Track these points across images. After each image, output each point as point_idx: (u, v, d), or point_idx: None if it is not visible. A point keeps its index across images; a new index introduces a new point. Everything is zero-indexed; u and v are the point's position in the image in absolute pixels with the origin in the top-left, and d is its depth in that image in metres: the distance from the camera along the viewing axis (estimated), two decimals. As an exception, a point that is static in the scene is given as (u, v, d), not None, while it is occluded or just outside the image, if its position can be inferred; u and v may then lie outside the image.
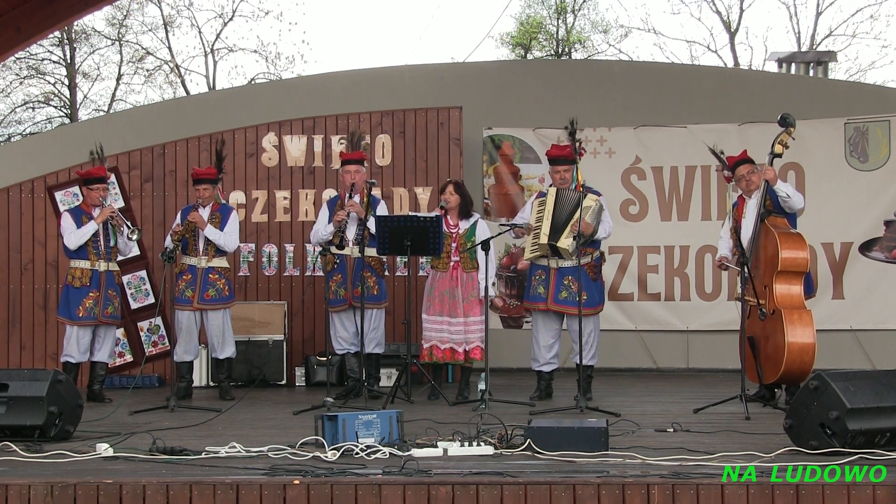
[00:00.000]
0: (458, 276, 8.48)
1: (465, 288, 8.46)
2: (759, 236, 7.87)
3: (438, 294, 8.48)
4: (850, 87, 13.62)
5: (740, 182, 8.22)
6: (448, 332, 8.44)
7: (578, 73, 12.14)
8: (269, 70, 28.50)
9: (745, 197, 8.21)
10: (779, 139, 7.84)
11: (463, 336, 8.44)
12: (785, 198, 7.88)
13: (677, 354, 10.99)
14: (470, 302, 8.47)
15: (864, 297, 10.50)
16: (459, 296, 8.45)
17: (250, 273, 10.22)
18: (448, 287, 8.47)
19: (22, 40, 8.91)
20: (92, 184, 8.87)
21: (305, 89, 11.53)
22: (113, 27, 27.63)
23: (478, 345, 8.44)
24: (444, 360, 8.53)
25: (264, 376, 9.75)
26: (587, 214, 8.11)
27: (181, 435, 6.62)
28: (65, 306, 8.81)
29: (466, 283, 8.48)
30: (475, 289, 8.47)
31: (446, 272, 8.50)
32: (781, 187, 7.92)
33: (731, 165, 8.28)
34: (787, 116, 7.87)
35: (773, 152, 7.88)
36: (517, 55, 28.99)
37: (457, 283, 8.47)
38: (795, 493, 4.87)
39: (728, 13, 28.24)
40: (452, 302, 8.45)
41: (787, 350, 7.56)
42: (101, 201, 8.85)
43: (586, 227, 8.09)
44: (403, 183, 10.29)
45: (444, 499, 4.94)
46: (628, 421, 6.99)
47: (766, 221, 7.86)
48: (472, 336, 8.46)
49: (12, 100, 27.70)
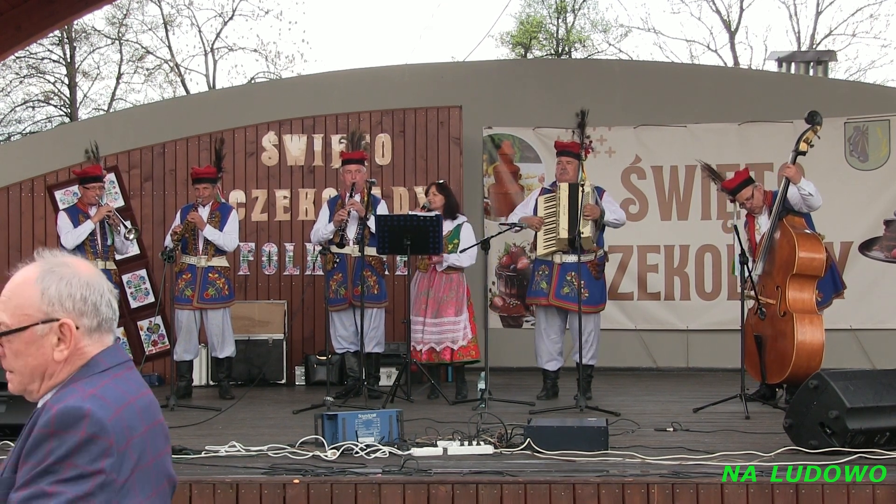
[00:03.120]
0: (437, 277, 8.50)
1: (444, 288, 8.47)
2: (775, 234, 7.81)
3: (419, 294, 8.51)
4: (850, 87, 13.62)
5: (743, 206, 8.11)
6: (433, 333, 8.45)
7: (578, 73, 12.14)
8: (268, 69, 28.51)
9: (752, 215, 8.13)
10: (804, 136, 7.75)
11: (449, 335, 8.45)
12: (807, 196, 7.72)
13: (677, 354, 10.98)
14: (446, 302, 8.47)
15: (864, 296, 10.49)
16: (441, 295, 8.47)
17: (250, 272, 10.22)
18: (426, 287, 8.49)
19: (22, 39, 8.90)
20: (88, 182, 8.86)
21: (305, 88, 11.53)
22: (113, 26, 27.63)
23: (461, 344, 8.45)
24: (429, 361, 8.55)
25: (264, 375, 9.75)
26: (588, 198, 8.15)
27: (181, 434, 6.62)
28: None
29: (445, 283, 8.49)
30: (452, 289, 8.47)
31: (426, 273, 8.53)
32: (804, 185, 7.76)
33: (730, 189, 8.11)
34: (816, 114, 7.74)
35: (797, 150, 7.75)
36: (517, 54, 28.98)
37: (432, 284, 8.49)
38: (795, 492, 4.88)
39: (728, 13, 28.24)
40: (431, 301, 8.47)
41: (796, 353, 7.52)
42: (98, 200, 8.84)
43: (594, 210, 8.12)
44: (403, 182, 10.28)
45: (444, 498, 4.94)
46: (628, 420, 7.00)
47: (783, 220, 7.77)
48: (456, 335, 8.46)
49: (12, 99, 27.72)
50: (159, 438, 2.22)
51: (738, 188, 8.07)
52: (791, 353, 7.54)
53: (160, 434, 2.23)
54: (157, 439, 2.20)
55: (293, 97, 11.12)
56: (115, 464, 2.03)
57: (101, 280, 2.26)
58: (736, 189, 8.08)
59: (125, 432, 2.07)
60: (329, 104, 10.68)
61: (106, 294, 2.23)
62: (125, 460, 2.06)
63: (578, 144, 8.47)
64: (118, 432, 2.05)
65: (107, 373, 2.18)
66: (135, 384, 2.22)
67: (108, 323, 2.23)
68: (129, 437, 2.08)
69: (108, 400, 2.09)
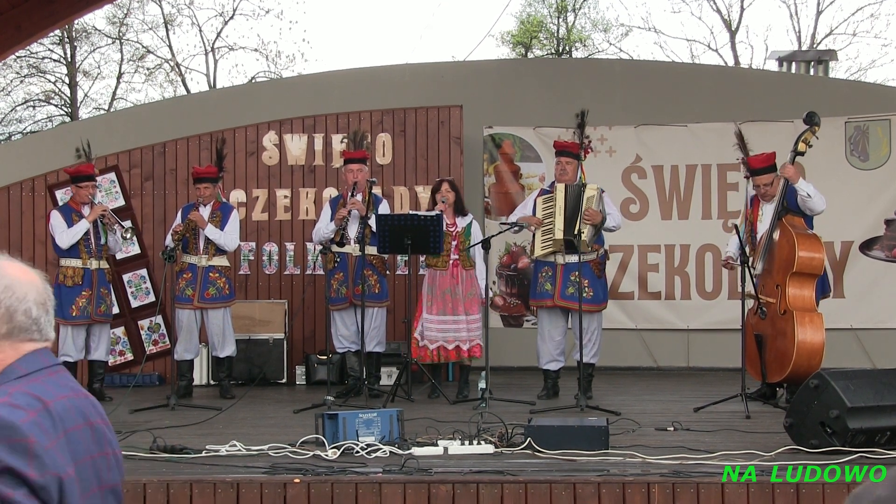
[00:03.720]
0: (459, 274, 8.49)
1: (465, 286, 8.48)
2: (774, 234, 7.81)
3: (441, 293, 8.48)
4: (850, 86, 13.61)
5: (758, 188, 8.02)
6: (453, 332, 8.45)
7: (579, 72, 12.14)
8: (269, 69, 28.53)
9: (760, 199, 8.09)
10: (802, 137, 7.74)
11: (466, 334, 8.45)
12: (805, 197, 7.70)
13: (678, 353, 10.98)
14: (470, 299, 8.48)
15: (865, 295, 10.49)
16: (460, 293, 8.46)
17: (251, 272, 10.22)
18: (449, 285, 8.48)
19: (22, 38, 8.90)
20: (81, 181, 8.84)
21: (306, 88, 11.53)
22: (113, 25, 27.64)
23: (478, 342, 8.45)
24: (437, 360, 8.54)
25: (265, 375, 9.74)
26: (592, 203, 8.15)
27: (182, 433, 6.62)
28: (57, 306, 8.73)
29: (466, 280, 8.49)
30: (474, 286, 8.49)
31: (446, 270, 8.50)
32: (803, 186, 7.73)
33: (752, 168, 8.00)
34: (814, 115, 7.71)
35: (796, 150, 7.73)
36: (518, 54, 28.99)
37: (457, 281, 8.48)
38: (795, 492, 4.88)
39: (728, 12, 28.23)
40: (454, 300, 8.46)
41: (797, 352, 7.51)
42: (91, 199, 8.83)
43: (595, 215, 8.12)
44: (404, 182, 10.28)
45: (445, 497, 4.94)
46: (629, 420, 6.99)
47: (783, 220, 7.75)
48: (473, 334, 8.47)
49: (13, 98, 27.71)
50: (85, 442, 2.10)
51: (761, 170, 7.95)
52: (792, 352, 7.54)
53: (88, 437, 2.12)
54: (83, 443, 2.09)
55: (294, 97, 11.12)
56: (37, 465, 1.94)
57: (30, 286, 2.14)
58: (760, 171, 7.94)
59: (43, 436, 1.98)
60: (329, 104, 10.68)
61: (27, 301, 2.12)
62: (45, 461, 1.97)
63: (577, 144, 8.47)
64: (36, 434, 1.97)
65: (23, 379, 2.08)
66: (55, 388, 2.10)
67: (23, 332, 2.11)
68: (49, 439, 2.00)
69: (20, 405, 2.00)
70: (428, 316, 8.53)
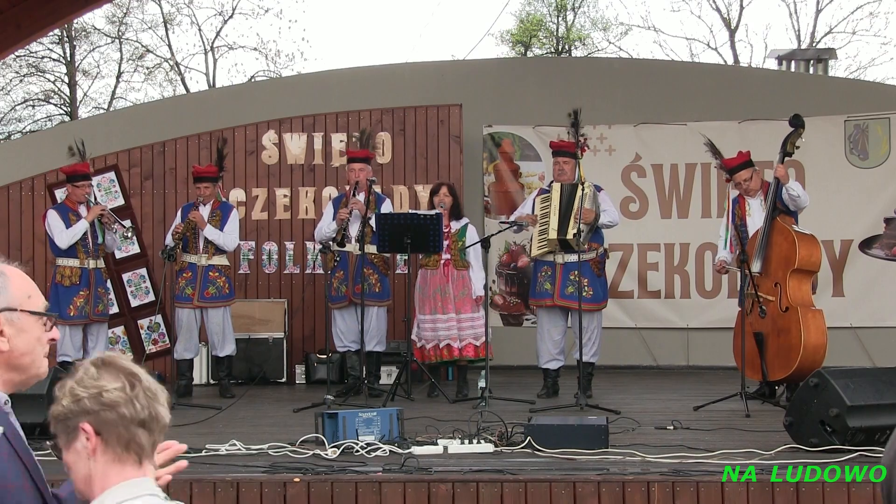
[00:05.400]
0: (450, 274, 8.51)
1: (457, 285, 8.49)
2: (770, 233, 7.83)
3: (431, 292, 8.50)
4: (850, 85, 13.61)
5: (739, 186, 8.16)
6: (444, 331, 8.45)
7: (578, 71, 12.13)
8: (269, 68, 28.47)
9: (745, 196, 8.18)
10: (790, 139, 7.82)
11: (456, 332, 8.45)
12: (796, 196, 7.81)
13: (677, 352, 10.98)
14: (462, 299, 8.48)
15: (864, 294, 10.49)
16: (451, 293, 8.48)
17: (250, 271, 10.21)
18: (439, 284, 8.50)
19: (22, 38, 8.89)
20: (77, 181, 8.81)
21: (305, 87, 11.52)
22: (113, 25, 27.60)
23: (470, 342, 8.45)
24: (434, 359, 8.54)
25: (264, 374, 9.74)
26: (585, 202, 8.14)
27: (181, 433, 6.61)
28: (55, 305, 8.73)
29: (458, 280, 8.50)
30: (466, 286, 8.49)
31: (437, 269, 8.53)
32: (793, 186, 7.86)
33: (728, 168, 8.19)
34: (798, 117, 7.83)
35: (785, 150, 7.84)
36: (517, 53, 28.97)
37: (448, 280, 8.50)
38: (795, 492, 4.88)
39: (728, 11, 28.20)
40: (444, 299, 8.47)
41: (803, 348, 7.53)
42: (87, 198, 8.81)
43: (588, 214, 8.12)
44: (403, 181, 10.27)
45: (445, 496, 4.94)
46: (628, 418, 6.99)
47: (778, 219, 7.81)
48: (465, 333, 8.47)
49: (12, 97, 27.70)
50: None
51: (737, 168, 8.11)
52: (798, 346, 7.54)
53: None
54: None
55: (293, 96, 11.11)
56: None
57: None
58: (735, 169, 8.11)
59: None
60: (329, 103, 10.67)
61: None
62: None
63: (574, 144, 8.46)
64: None
65: None
66: None
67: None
68: None
69: None
70: (421, 316, 8.54)
